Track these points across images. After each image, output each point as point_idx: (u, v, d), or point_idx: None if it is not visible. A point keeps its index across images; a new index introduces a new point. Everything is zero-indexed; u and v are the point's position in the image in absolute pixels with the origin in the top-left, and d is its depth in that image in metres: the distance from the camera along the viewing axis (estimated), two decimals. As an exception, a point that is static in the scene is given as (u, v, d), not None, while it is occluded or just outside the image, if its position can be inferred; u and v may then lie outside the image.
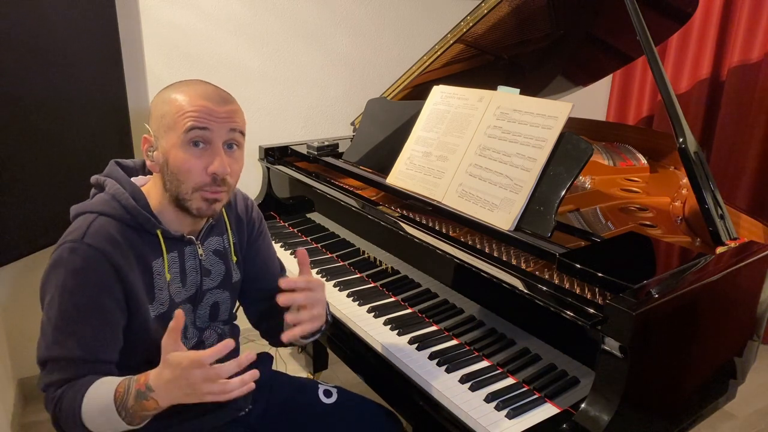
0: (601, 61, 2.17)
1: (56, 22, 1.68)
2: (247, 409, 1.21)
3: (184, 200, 0.99)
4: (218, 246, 1.15)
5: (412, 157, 1.53)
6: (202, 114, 0.96)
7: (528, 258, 1.20)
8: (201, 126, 0.96)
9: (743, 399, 1.35)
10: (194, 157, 0.96)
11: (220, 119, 0.97)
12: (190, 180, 0.97)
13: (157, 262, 1.03)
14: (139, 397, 0.87)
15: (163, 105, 0.99)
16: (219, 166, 0.97)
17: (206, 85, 1.01)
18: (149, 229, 1.01)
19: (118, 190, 1.01)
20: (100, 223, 0.97)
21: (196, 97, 0.97)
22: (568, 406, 1.01)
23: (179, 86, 1.01)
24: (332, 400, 1.27)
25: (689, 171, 1.20)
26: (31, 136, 1.67)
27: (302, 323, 1.02)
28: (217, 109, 0.97)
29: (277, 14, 2.28)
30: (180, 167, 0.97)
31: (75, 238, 0.95)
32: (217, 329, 1.17)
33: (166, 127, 0.98)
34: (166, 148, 0.98)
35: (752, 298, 1.23)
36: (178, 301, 1.07)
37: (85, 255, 0.94)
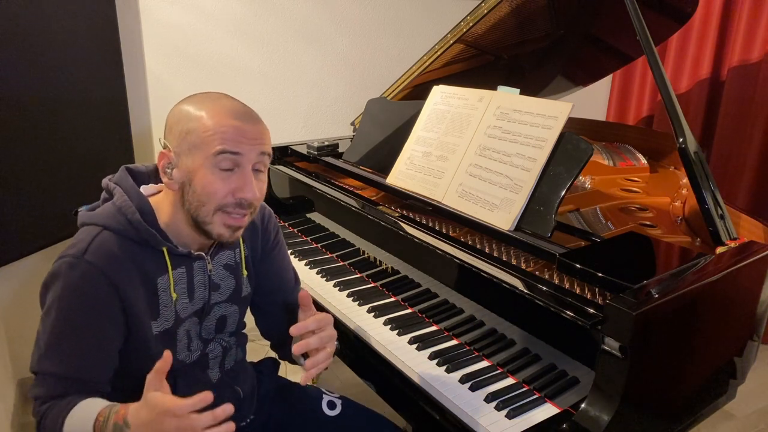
0: (601, 61, 2.17)
1: (56, 22, 1.68)
2: (249, 419, 1.20)
3: (205, 223, 0.95)
4: (229, 260, 1.11)
5: (412, 157, 1.53)
6: (233, 136, 0.92)
7: (528, 258, 1.20)
8: (233, 151, 0.92)
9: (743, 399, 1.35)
10: (221, 180, 0.92)
11: (250, 141, 0.93)
12: (214, 201, 0.93)
13: (162, 278, 1.00)
14: (115, 430, 0.84)
15: (187, 121, 0.94)
16: (249, 192, 0.94)
17: (233, 101, 0.97)
18: (155, 246, 0.98)
19: (125, 203, 0.97)
20: (103, 238, 0.94)
21: (225, 116, 0.93)
22: (568, 406, 1.01)
23: (204, 101, 0.95)
24: (336, 412, 1.25)
25: (689, 171, 1.20)
26: (31, 136, 1.67)
27: (319, 364, 0.99)
28: (248, 129, 0.93)
29: (277, 14, 2.28)
30: (205, 189, 0.93)
31: (76, 253, 0.92)
32: (222, 342, 1.14)
33: (190, 145, 0.93)
34: (190, 168, 0.93)
35: (752, 298, 1.23)
36: (184, 316, 1.05)
37: (84, 272, 0.91)
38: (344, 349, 1.40)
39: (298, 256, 1.68)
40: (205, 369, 1.11)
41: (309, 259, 1.65)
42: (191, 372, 1.08)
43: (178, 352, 1.04)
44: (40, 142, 1.69)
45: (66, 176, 1.77)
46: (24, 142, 1.65)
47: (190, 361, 1.08)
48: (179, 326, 1.04)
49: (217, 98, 0.97)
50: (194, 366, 1.09)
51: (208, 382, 1.11)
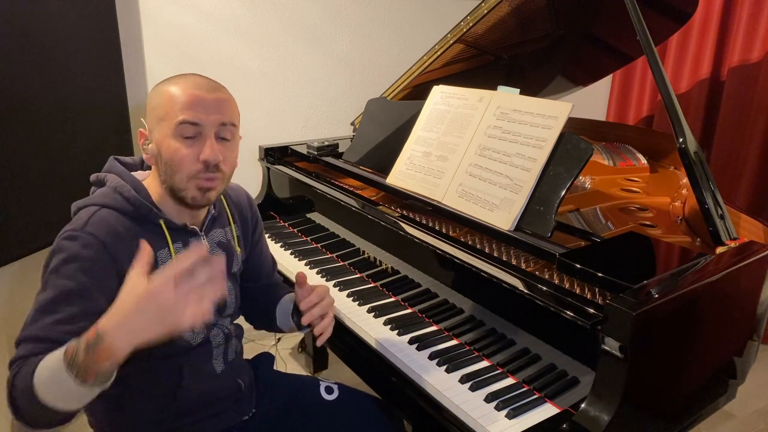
0: (601, 61, 2.17)
1: (56, 22, 1.68)
2: (251, 413, 1.21)
3: (179, 190, 1.00)
4: (222, 238, 1.15)
5: (412, 157, 1.53)
6: (192, 105, 0.97)
7: (528, 258, 1.20)
8: (191, 120, 0.97)
9: (743, 399, 1.35)
10: (185, 147, 0.98)
11: (209, 109, 0.99)
12: (184, 169, 0.98)
13: (162, 252, 1.03)
14: (89, 349, 0.78)
15: (155, 97, 1.01)
16: (210, 154, 0.98)
17: (198, 76, 1.03)
18: (152, 220, 1.02)
19: (119, 183, 1.02)
20: (102, 215, 0.98)
21: (187, 88, 0.99)
22: (568, 406, 1.01)
23: (172, 79, 1.02)
24: (334, 396, 1.28)
25: (689, 171, 1.20)
26: (31, 136, 1.67)
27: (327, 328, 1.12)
28: (206, 97, 0.99)
29: (277, 14, 2.28)
30: (172, 157, 0.98)
31: (76, 227, 0.95)
32: (224, 328, 1.16)
33: (158, 118, 1.00)
34: (158, 140, 1.00)
35: (752, 298, 1.23)
36: None
37: (84, 242, 0.93)
38: (344, 349, 1.40)
39: (298, 256, 1.68)
40: (210, 359, 1.13)
41: (309, 259, 1.65)
42: (197, 362, 1.10)
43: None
44: (40, 142, 1.69)
45: (66, 176, 1.77)
46: (24, 142, 1.65)
47: (195, 342, 1.09)
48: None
49: (185, 76, 1.02)
50: (199, 354, 1.10)
51: (213, 373, 1.13)
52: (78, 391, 0.80)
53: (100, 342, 0.77)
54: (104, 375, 0.80)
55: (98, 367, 0.79)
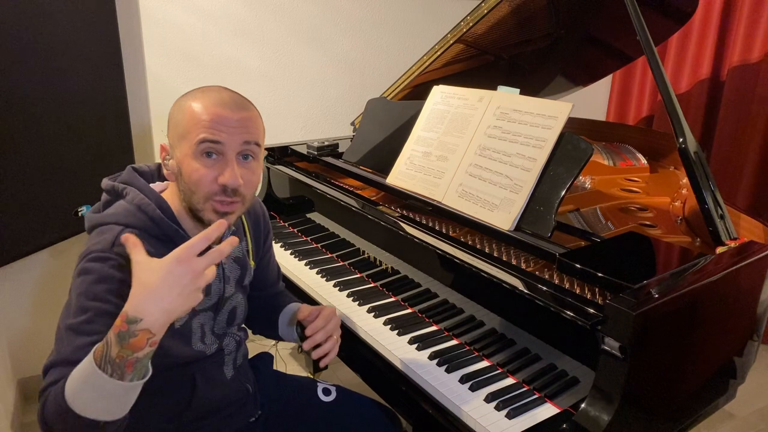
0: (601, 61, 2.17)
1: (56, 22, 1.68)
2: (256, 415, 1.21)
3: (197, 210, 0.97)
4: (237, 252, 1.14)
5: (412, 157, 1.53)
6: (214, 123, 0.94)
7: (528, 258, 1.20)
8: (213, 139, 0.94)
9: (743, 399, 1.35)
10: (205, 167, 0.94)
11: (233, 129, 0.95)
12: (201, 189, 0.95)
13: None
14: (122, 339, 0.77)
15: (177, 113, 0.97)
16: (230, 178, 0.94)
17: (223, 91, 0.99)
18: (176, 240, 0.98)
19: (143, 201, 0.98)
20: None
21: (210, 105, 0.95)
22: (568, 406, 1.01)
23: (196, 93, 0.98)
24: (331, 398, 1.28)
25: (689, 171, 1.20)
26: (32, 136, 1.67)
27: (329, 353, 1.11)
28: (230, 116, 0.95)
29: (277, 14, 2.28)
30: (191, 176, 0.95)
31: (103, 248, 0.91)
32: (235, 336, 1.16)
33: (179, 136, 0.96)
34: (179, 158, 0.96)
35: (752, 298, 1.23)
36: (200, 309, 1.05)
37: (114, 264, 0.90)
38: (344, 349, 1.40)
39: (298, 256, 1.68)
40: (221, 366, 1.13)
41: (309, 259, 1.65)
42: (209, 369, 1.09)
43: (193, 343, 1.05)
44: (40, 142, 1.69)
45: (66, 176, 1.77)
46: (24, 141, 1.65)
47: (209, 353, 1.08)
48: (193, 318, 1.04)
49: (209, 90, 0.99)
50: (211, 362, 1.10)
51: (223, 380, 1.13)
52: (117, 391, 0.79)
53: (135, 327, 0.77)
54: (142, 364, 0.80)
55: (136, 355, 0.78)
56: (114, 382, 0.78)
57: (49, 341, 0.90)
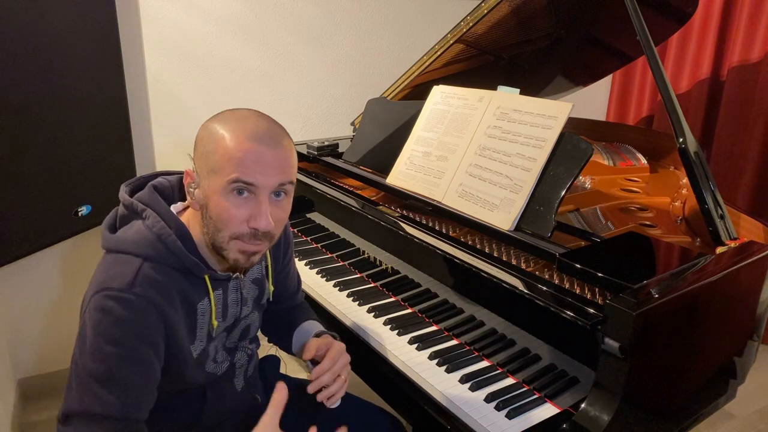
0: (601, 61, 2.17)
1: (56, 23, 1.68)
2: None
3: (221, 248, 0.93)
4: (257, 274, 1.11)
5: (412, 157, 1.53)
6: (249, 163, 0.88)
7: (528, 258, 1.20)
8: (247, 181, 0.89)
9: (743, 399, 1.35)
10: (236, 207, 0.90)
11: (268, 169, 0.90)
12: (229, 229, 0.91)
13: (202, 303, 0.98)
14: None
15: (209, 141, 0.91)
16: (262, 223, 0.90)
17: (258, 121, 0.94)
18: (197, 274, 0.95)
19: (163, 231, 0.93)
20: (146, 270, 0.90)
21: (244, 140, 0.89)
22: (568, 406, 1.01)
23: (229, 120, 0.92)
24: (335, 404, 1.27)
25: (689, 171, 1.20)
26: (31, 136, 1.67)
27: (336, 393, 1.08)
28: (266, 153, 0.90)
29: (278, 14, 2.28)
30: (220, 215, 0.90)
31: (122, 286, 0.87)
32: (247, 350, 1.15)
33: (209, 168, 0.91)
34: (207, 191, 0.91)
35: (752, 298, 1.23)
36: (215, 334, 1.04)
37: (135, 306, 0.87)
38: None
39: (298, 256, 1.68)
40: (232, 378, 1.12)
41: (309, 259, 1.65)
42: (220, 383, 1.08)
43: (207, 366, 1.03)
44: (40, 142, 1.69)
45: (66, 176, 1.77)
46: (24, 142, 1.65)
47: (220, 372, 1.07)
48: (210, 343, 1.03)
49: (243, 117, 0.93)
50: (223, 377, 1.09)
51: (234, 392, 1.12)
52: None
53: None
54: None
55: None
56: None
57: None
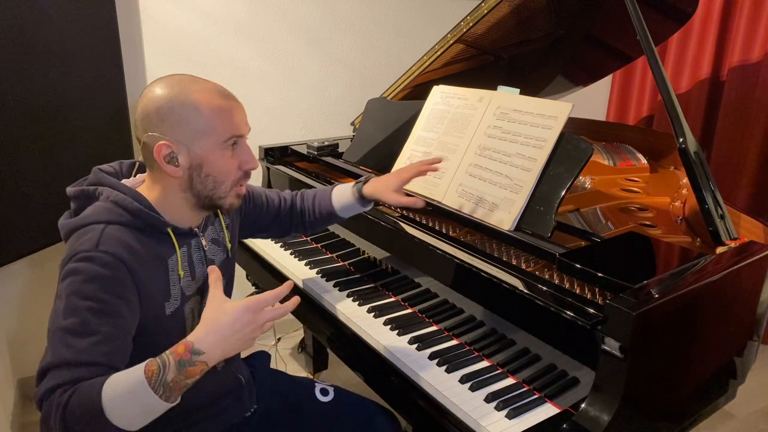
0: (601, 61, 2.17)
1: (56, 22, 1.68)
2: (252, 409, 1.21)
3: (219, 199, 1.02)
4: (214, 234, 1.15)
5: (412, 157, 1.53)
6: (237, 120, 1.00)
7: (528, 258, 1.20)
8: (240, 134, 1.01)
9: (743, 399, 1.35)
10: (231, 158, 1.01)
11: (245, 119, 1.03)
12: (229, 179, 1.01)
13: (171, 259, 1.03)
14: (182, 366, 0.83)
15: (184, 111, 0.96)
16: (255, 162, 1.04)
17: (207, 81, 1.02)
18: (159, 228, 1.00)
19: (118, 197, 0.98)
20: (110, 232, 0.94)
21: (218, 98, 0.99)
22: (568, 406, 1.01)
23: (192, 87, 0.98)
24: (329, 398, 1.29)
25: (689, 171, 1.20)
26: (31, 136, 1.67)
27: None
28: (238, 106, 1.02)
29: (277, 15, 2.28)
30: (221, 169, 1.00)
31: (89, 248, 0.91)
32: None
33: (196, 132, 0.97)
34: (200, 153, 0.98)
35: (752, 298, 1.23)
36: (189, 294, 1.06)
37: (102, 262, 0.90)
38: (344, 349, 1.40)
39: (298, 256, 1.68)
40: None
41: (309, 259, 1.65)
42: None
43: (186, 331, 1.05)
44: (40, 143, 1.69)
45: (66, 176, 1.75)
46: (24, 142, 1.65)
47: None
48: (185, 304, 1.05)
49: (193, 81, 1.00)
50: None
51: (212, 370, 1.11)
52: (158, 408, 0.84)
53: (197, 358, 0.84)
54: (186, 388, 0.86)
55: (187, 382, 0.85)
56: (161, 402, 0.83)
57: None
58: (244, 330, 0.87)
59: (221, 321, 0.86)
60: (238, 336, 0.87)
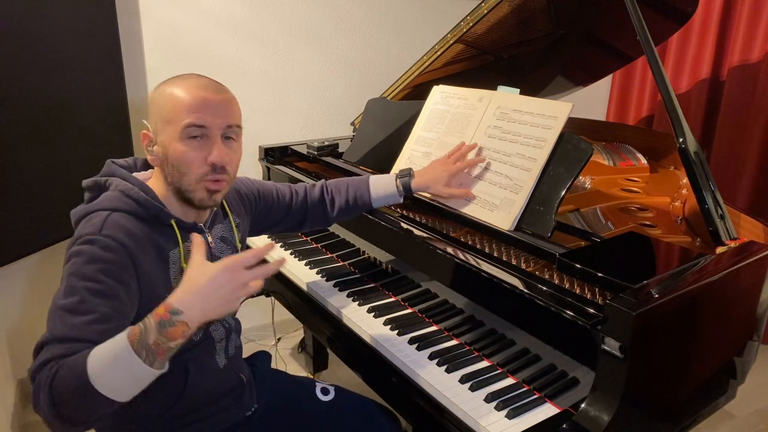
0: (601, 61, 2.17)
1: (56, 22, 1.68)
2: (252, 408, 1.21)
3: (187, 191, 1.01)
4: (223, 233, 1.16)
5: (412, 157, 1.53)
6: (199, 107, 0.98)
7: (528, 258, 1.20)
8: (198, 123, 0.98)
9: (743, 399, 1.35)
10: (193, 149, 0.99)
11: (216, 111, 0.99)
12: (192, 171, 0.99)
13: (173, 252, 1.03)
14: (162, 327, 0.83)
15: (159, 99, 1.01)
16: (217, 156, 0.99)
17: (202, 77, 1.03)
18: (163, 220, 1.02)
19: (126, 186, 1.01)
20: (114, 218, 0.97)
21: (192, 89, 0.99)
22: (568, 406, 1.01)
23: (176, 79, 1.02)
24: (329, 397, 1.29)
25: (689, 171, 1.20)
26: (32, 136, 1.67)
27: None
28: (213, 99, 0.99)
29: (277, 14, 2.28)
30: (180, 160, 0.99)
31: (92, 231, 0.94)
32: (224, 323, 1.16)
33: (163, 121, 0.99)
34: (165, 142, 1.00)
35: (752, 298, 1.23)
36: None
37: (104, 245, 0.92)
38: (344, 349, 1.40)
39: (298, 256, 1.68)
40: (213, 355, 1.13)
41: (309, 259, 1.65)
42: (201, 358, 1.10)
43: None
44: (40, 142, 1.69)
45: (66, 176, 1.77)
46: (24, 142, 1.65)
47: (197, 339, 1.08)
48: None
49: (189, 76, 1.02)
50: (202, 350, 1.10)
51: (216, 368, 1.13)
52: (143, 374, 0.83)
53: (176, 317, 0.83)
54: (171, 353, 0.85)
55: (170, 344, 0.84)
56: (144, 366, 0.82)
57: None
58: (224, 289, 0.86)
59: (200, 281, 0.86)
60: (217, 295, 0.86)
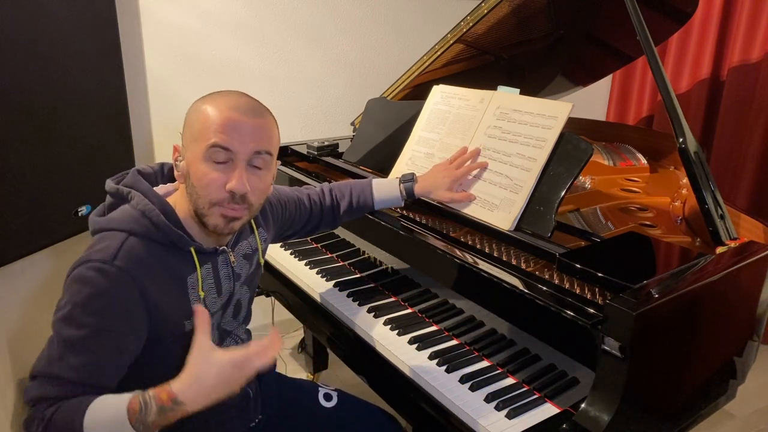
0: (601, 61, 2.17)
1: (56, 22, 1.68)
2: (257, 419, 1.20)
3: (202, 215, 0.96)
4: (247, 249, 1.13)
5: (413, 157, 1.53)
6: (226, 129, 0.93)
7: (528, 258, 1.20)
8: (223, 145, 0.93)
9: (743, 399, 1.35)
10: (214, 171, 0.93)
11: (245, 136, 0.94)
12: (208, 195, 0.94)
13: (191, 277, 1.00)
14: (163, 411, 0.83)
15: (193, 114, 0.97)
16: (237, 184, 0.93)
17: (241, 96, 0.98)
18: (182, 247, 0.98)
19: (147, 207, 0.96)
20: (131, 244, 0.93)
21: (225, 109, 0.94)
22: (568, 406, 1.01)
23: (214, 95, 0.98)
24: (332, 403, 1.27)
25: (689, 171, 1.20)
26: (31, 135, 1.67)
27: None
28: (244, 122, 0.94)
29: (278, 14, 2.28)
30: (200, 180, 0.94)
31: (105, 258, 0.90)
32: (237, 339, 1.15)
33: (192, 137, 0.95)
34: (190, 159, 0.95)
35: (752, 298, 1.23)
36: (213, 310, 1.05)
37: (114, 278, 0.89)
38: (344, 349, 1.40)
39: (298, 256, 1.68)
40: None
41: (309, 259, 1.65)
42: None
43: None
44: (40, 142, 1.69)
45: (66, 176, 1.77)
46: (24, 142, 1.65)
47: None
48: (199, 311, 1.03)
49: (228, 93, 0.98)
50: None
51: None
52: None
53: (178, 408, 0.84)
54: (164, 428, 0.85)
55: (168, 423, 0.85)
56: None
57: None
58: (230, 382, 0.86)
59: (206, 375, 0.85)
60: (222, 387, 0.85)
